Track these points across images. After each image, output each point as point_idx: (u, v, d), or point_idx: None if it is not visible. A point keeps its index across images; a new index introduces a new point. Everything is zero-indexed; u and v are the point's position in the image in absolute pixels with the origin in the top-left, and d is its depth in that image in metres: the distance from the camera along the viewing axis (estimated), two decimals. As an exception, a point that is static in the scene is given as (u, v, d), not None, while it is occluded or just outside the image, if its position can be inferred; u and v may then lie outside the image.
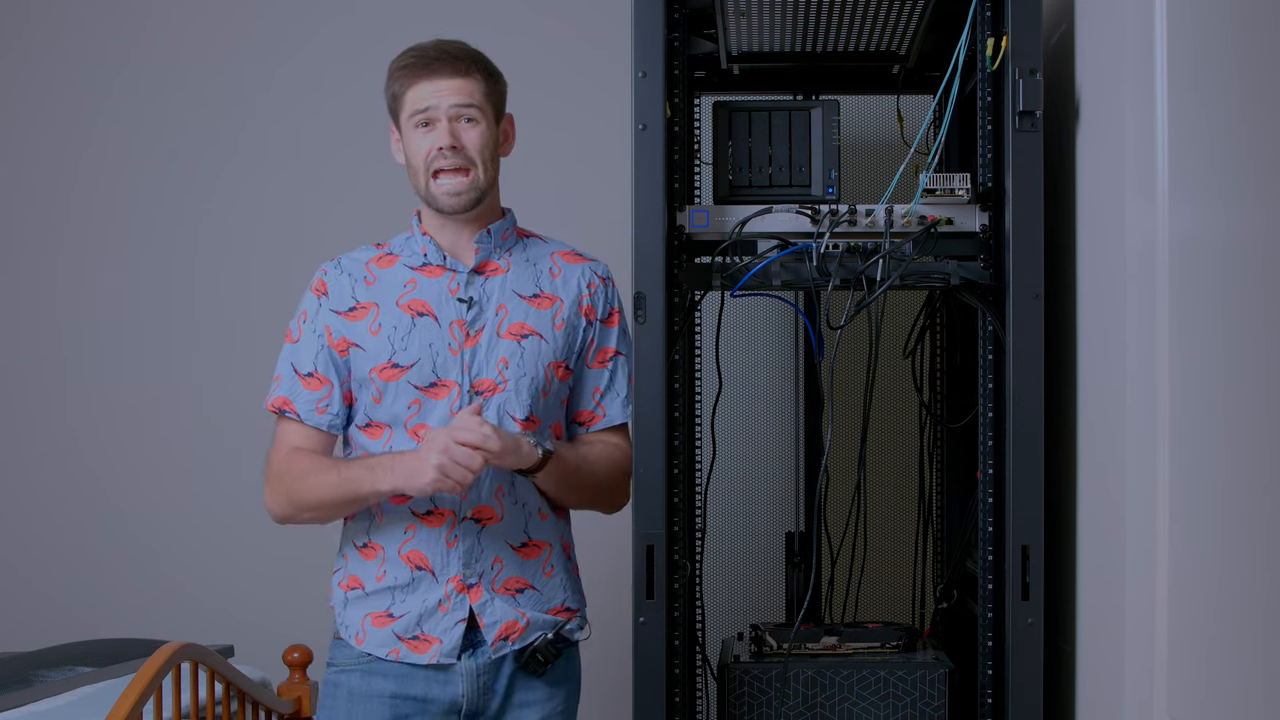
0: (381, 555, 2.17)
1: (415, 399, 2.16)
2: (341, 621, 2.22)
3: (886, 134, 2.81)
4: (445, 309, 2.19)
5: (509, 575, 2.19)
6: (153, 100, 3.73)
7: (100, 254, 3.75)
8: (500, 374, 2.19)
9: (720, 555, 2.97)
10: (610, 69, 3.24)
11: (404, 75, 2.19)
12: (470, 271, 2.20)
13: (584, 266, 2.30)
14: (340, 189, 3.65)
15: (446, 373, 2.17)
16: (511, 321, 2.20)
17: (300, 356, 2.23)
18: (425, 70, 2.17)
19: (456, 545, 2.15)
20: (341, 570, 2.24)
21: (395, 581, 2.17)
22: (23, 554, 3.75)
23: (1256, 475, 1.48)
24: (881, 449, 2.83)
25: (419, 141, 2.17)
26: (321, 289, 2.23)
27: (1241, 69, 1.56)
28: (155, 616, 3.63)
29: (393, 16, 3.63)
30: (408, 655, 2.16)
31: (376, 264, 2.23)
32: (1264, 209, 1.47)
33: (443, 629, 2.17)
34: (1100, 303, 2.06)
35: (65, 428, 3.76)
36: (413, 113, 2.17)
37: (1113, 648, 1.95)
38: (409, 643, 2.16)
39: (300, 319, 2.25)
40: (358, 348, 2.19)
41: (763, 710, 2.25)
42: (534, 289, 2.23)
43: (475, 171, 2.17)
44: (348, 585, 2.21)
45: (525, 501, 2.20)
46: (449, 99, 2.16)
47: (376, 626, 2.17)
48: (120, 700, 2.23)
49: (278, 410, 2.24)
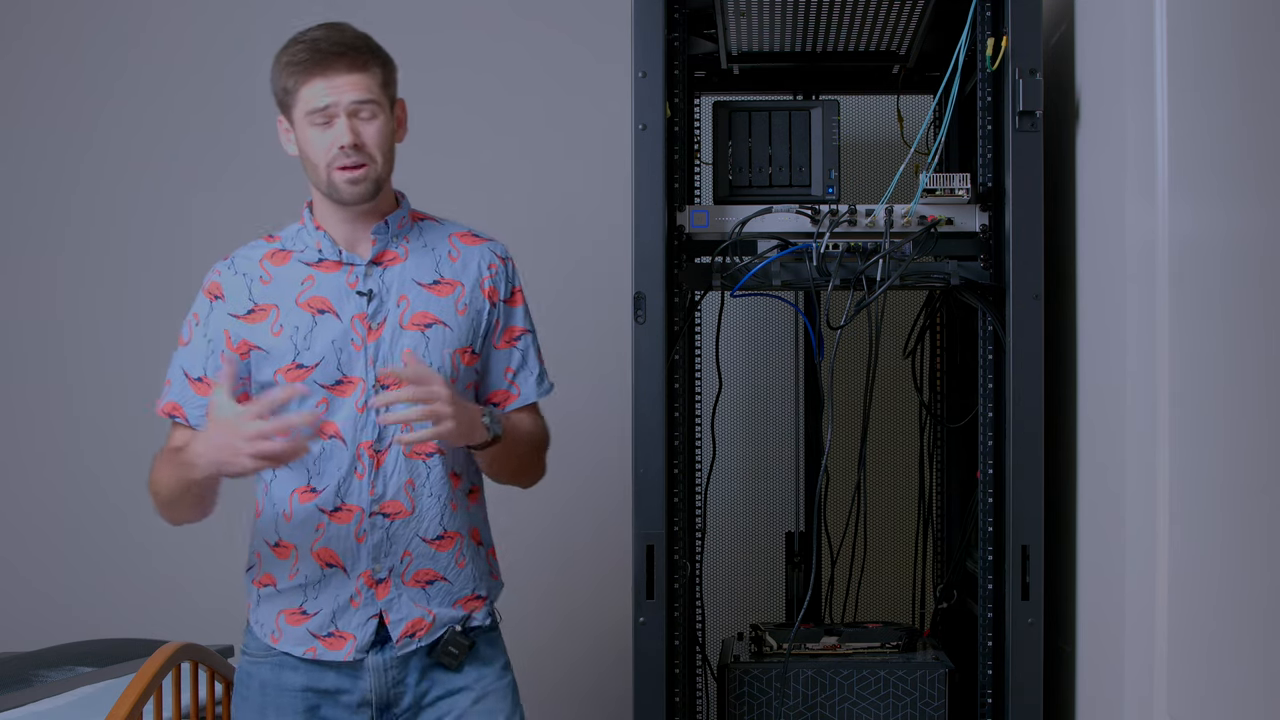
0: (294, 554, 2.16)
1: (322, 398, 2.12)
2: (256, 618, 2.21)
3: (886, 134, 2.81)
4: (345, 304, 2.15)
5: (419, 568, 2.16)
6: (153, 100, 3.73)
7: (100, 254, 3.75)
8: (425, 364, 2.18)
9: (720, 555, 2.97)
10: (610, 69, 3.24)
11: (297, 71, 2.10)
12: (368, 263, 2.17)
13: (483, 248, 2.24)
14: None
15: (351, 369, 2.13)
16: (414, 311, 2.17)
17: (190, 361, 2.20)
18: (320, 66, 2.09)
19: (365, 540, 2.14)
20: (255, 568, 2.23)
21: (307, 579, 2.15)
22: (23, 554, 3.75)
23: (1256, 475, 1.48)
24: (881, 449, 2.83)
25: (317, 138, 2.11)
26: (215, 291, 2.18)
27: (1241, 69, 1.56)
28: (155, 616, 3.63)
29: (393, 17, 3.63)
30: (324, 653, 2.15)
31: (270, 261, 2.18)
32: (1264, 209, 1.47)
33: (355, 624, 2.15)
34: (1100, 303, 2.06)
35: (65, 427, 3.76)
36: (309, 111, 2.10)
37: (1113, 648, 1.95)
38: (324, 640, 2.15)
39: (191, 321, 2.20)
40: (259, 350, 2.15)
41: (763, 710, 2.25)
42: (434, 276, 2.20)
43: (374, 166, 2.13)
44: (261, 582, 2.20)
45: (439, 494, 2.17)
46: (347, 95, 2.09)
47: (291, 624, 2.16)
48: (120, 700, 2.23)
49: (168, 415, 2.24)
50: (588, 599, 2.62)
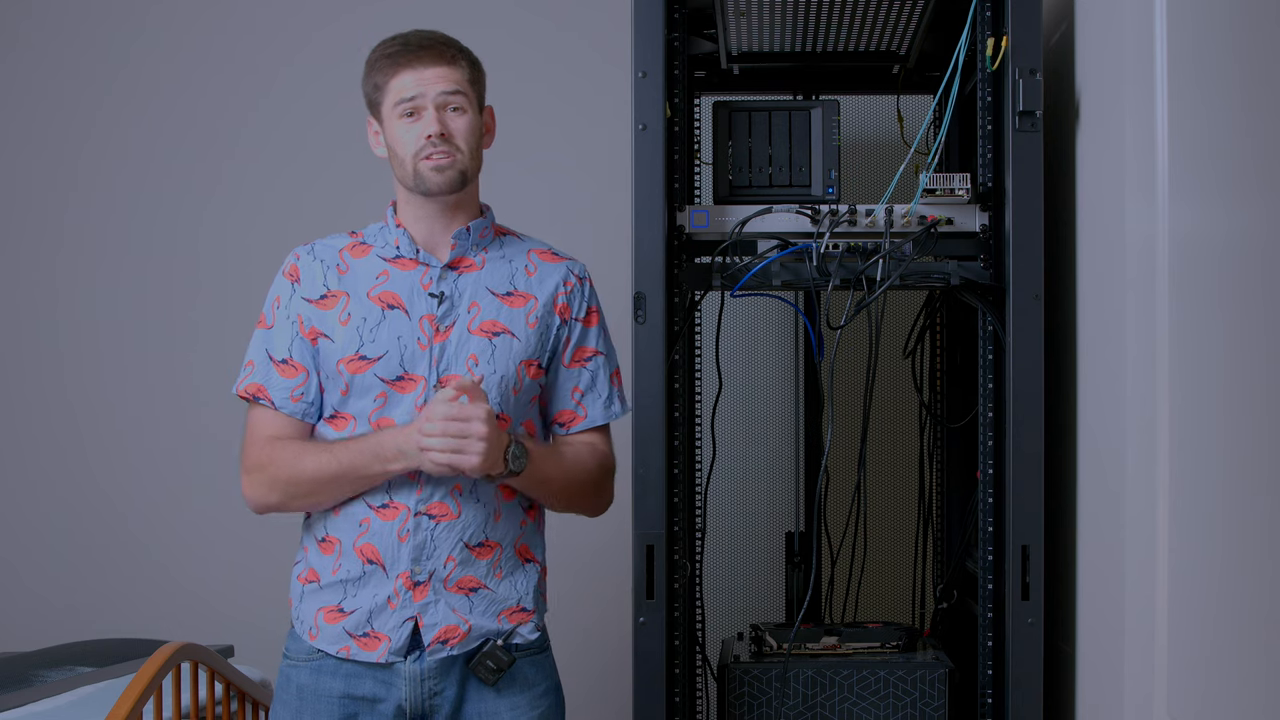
0: (338, 549, 2.15)
1: (381, 392, 2.12)
2: (297, 615, 2.19)
3: (886, 134, 2.81)
4: (416, 302, 2.15)
5: (463, 574, 2.16)
6: (152, 100, 3.73)
7: (100, 253, 3.75)
8: (470, 370, 2.16)
9: (720, 555, 2.97)
10: (610, 69, 3.24)
11: (387, 64, 2.13)
12: (444, 266, 2.18)
13: (561, 265, 2.24)
14: (341, 188, 3.65)
15: (414, 366, 2.13)
16: (483, 319, 2.18)
17: (274, 342, 2.17)
18: (410, 58, 2.12)
19: (408, 540, 2.13)
20: (302, 563, 2.21)
21: (348, 575, 2.14)
22: (23, 554, 3.75)
23: (1256, 475, 1.48)
24: (881, 449, 2.83)
25: (404, 132, 2.12)
26: (294, 274, 2.18)
27: (1241, 69, 1.56)
28: (155, 616, 3.63)
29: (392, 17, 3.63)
30: (358, 653, 2.14)
31: (350, 252, 2.19)
32: (1264, 208, 1.47)
33: (390, 626, 2.13)
34: (1100, 303, 2.06)
35: (65, 428, 3.76)
36: (398, 102, 2.11)
37: (1113, 648, 1.95)
38: (359, 640, 2.14)
39: (274, 304, 2.19)
40: (326, 338, 2.14)
41: (763, 710, 2.25)
42: (508, 287, 2.20)
43: (461, 156, 2.14)
44: (306, 578, 2.18)
45: (485, 501, 2.17)
46: (436, 86, 2.11)
47: (329, 622, 2.15)
48: (120, 700, 2.23)
49: (250, 397, 2.18)
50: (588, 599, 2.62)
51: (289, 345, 2.16)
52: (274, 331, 2.18)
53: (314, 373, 2.16)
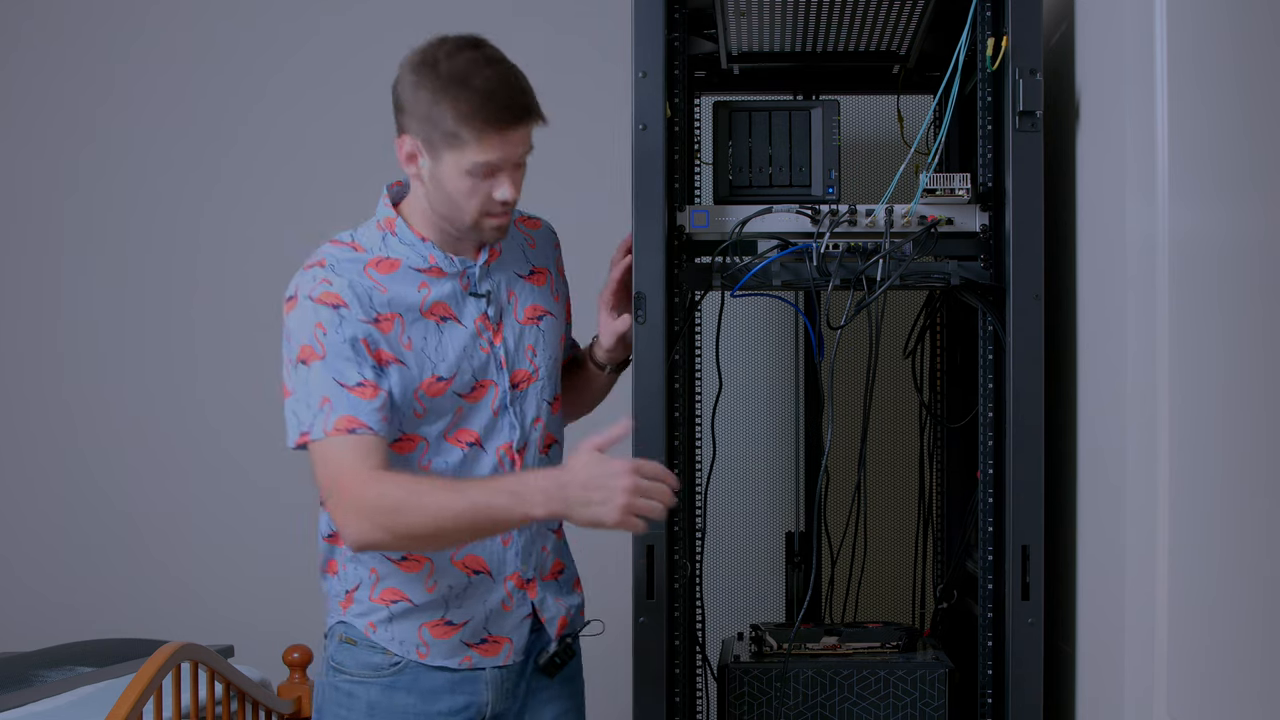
0: (429, 566, 2.07)
1: (459, 407, 2.08)
2: (390, 636, 2.09)
3: (886, 134, 2.81)
4: (464, 308, 2.10)
5: (553, 559, 2.20)
6: (151, 99, 3.73)
7: (100, 254, 3.75)
8: (531, 362, 2.14)
9: (720, 555, 2.97)
10: (610, 69, 3.24)
11: (476, 125, 1.98)
12: (482, 265, 2.14)
13: (544, 229, 2.28)
14: (340, 190, 3.65)
15: (484, 373, 2.10)
16: (524, 305, 2.15)
17: (340, 369, 1.99)
18: (501, 125, 1.99)
19: (511, 543, 2.11)
20: (367, 583, 2.09)
21: (450, 590, 2.08)
22: (23, 554, 3.75)
23: (1256, 475, 1.48)
24: (881, 449, 2.83)
25: (474, 187, 2.01)
26: (335, 300, 2.00)
27: (1241, 69, 1.56)
28: (155, 616, 3.63)
29: (393, 17, 3.63)
30: (480, 660, 2.10)
31: (376, 269, 2.06)
32: (1264, 209, 1.47)
33: (509, 628, 2.12)
34: (1100, 303, 2.06)
35: (65, 428, 3.76)
36: (478, 164, 1.99)
37: (1113, 648, 1.95)
38: (479, 647, 2.10)
39: (317, 333, 1.99)
40: (398, 363, 2.02)
41: (763, 710, 2.25)
42: (526, 266, 2.19)
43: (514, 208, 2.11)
44: (387, 599, 2.08)
45: None
46: (518, 149, 2.02)
47: (440, 637, 2.09)
48: (120, 700, 2.23)
49: (348, 430, 1.96)
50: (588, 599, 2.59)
51: (358, 368, 2.00)
52: (333, 359, 1.99)
53: (388, 391, 2.02)
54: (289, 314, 2.03)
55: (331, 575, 2.15)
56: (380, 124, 2.28)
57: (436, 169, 2.03)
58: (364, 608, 2.11)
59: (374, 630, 2.10)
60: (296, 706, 2.91)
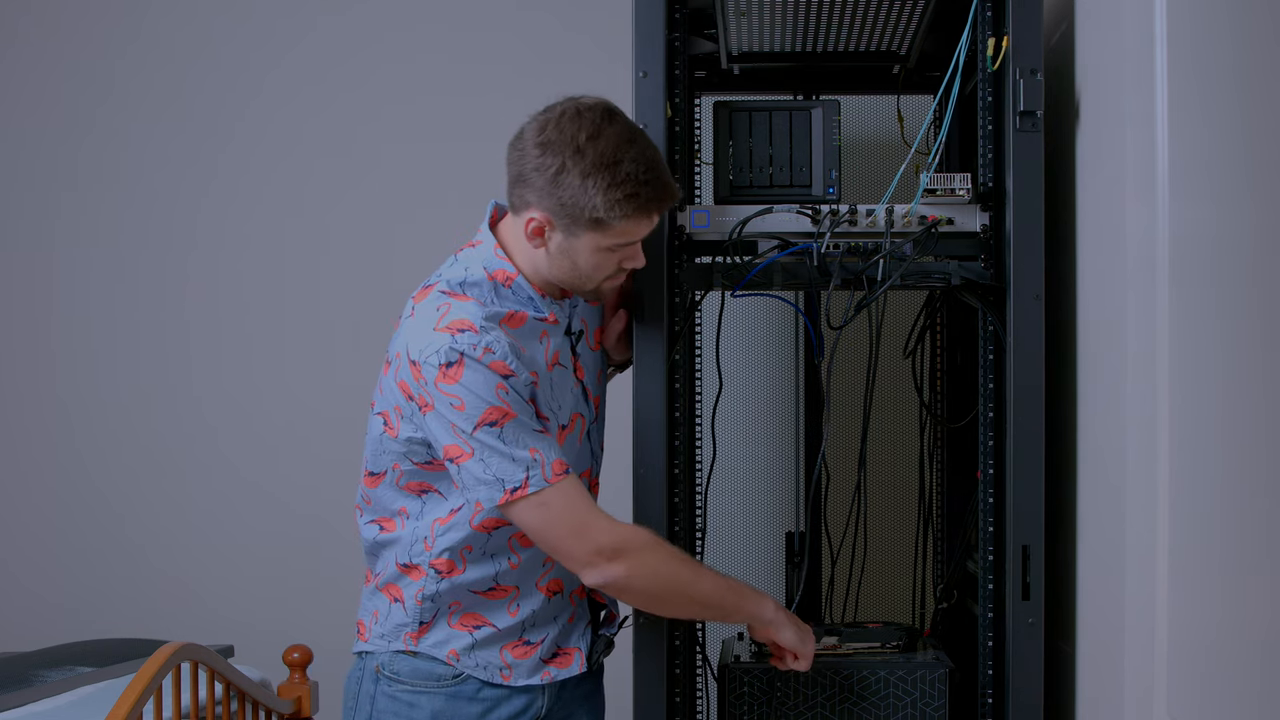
0: (515, 594, 2.13)
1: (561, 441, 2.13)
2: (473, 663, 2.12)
3: (887, 134, 2.81)
4: (565, 349, 2.14)
5: None
6: (147, 97, 3.73)
7: (95, 254, 3.74)
8: (600, 385, 2.24)
9: (720, 555, 2.97)
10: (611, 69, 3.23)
11: (636, 209, 1.99)
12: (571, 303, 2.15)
13: None
14: (337, 190, 3.65)
15: (576, 407, 2.16)
16: (592, 330, 2.21)
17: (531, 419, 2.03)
18: (653, 210, 2.03)
19: None
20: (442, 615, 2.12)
21: (533, 613, 2.13)
22: (23, 554, 3.75)
23: (1256, 475, 1.48)
24: (881, 449, 2.83)
25: (607, 260, 2.04)
26: (504, 370, 1.99)
27: (1241, 69, 1.56)
28: (155, 616, 3.63)
29: (392, 17, 3.63)
30: (558, 674, 2.16)
31: (510, 325, 2.06)
32: (1263, 209, 1.47)
33: (576, 638, 2.18)
34: (1100, 302, 2.07)
35: (64, 428, 3.76)
36: (622, 243, 2.03)
37: (1113, 648, 1.95)
38: (553, 661, 2.16)
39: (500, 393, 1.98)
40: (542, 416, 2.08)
41: (763, 710, 2.25)
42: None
43: None
44: (469, 626, 2.12)
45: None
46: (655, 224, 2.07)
47: (520, 658, 2.14)
48: (120, 700, 2.23)
49: (564, 472, 2.01)
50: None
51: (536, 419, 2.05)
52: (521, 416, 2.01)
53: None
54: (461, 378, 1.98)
55: (392, 603, 2.15)
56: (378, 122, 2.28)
57: (570, 243, 2.03)
58: (444, 634, 2.12)
59: (456, 659, 2.12)
60: (296, 706, 2.91)
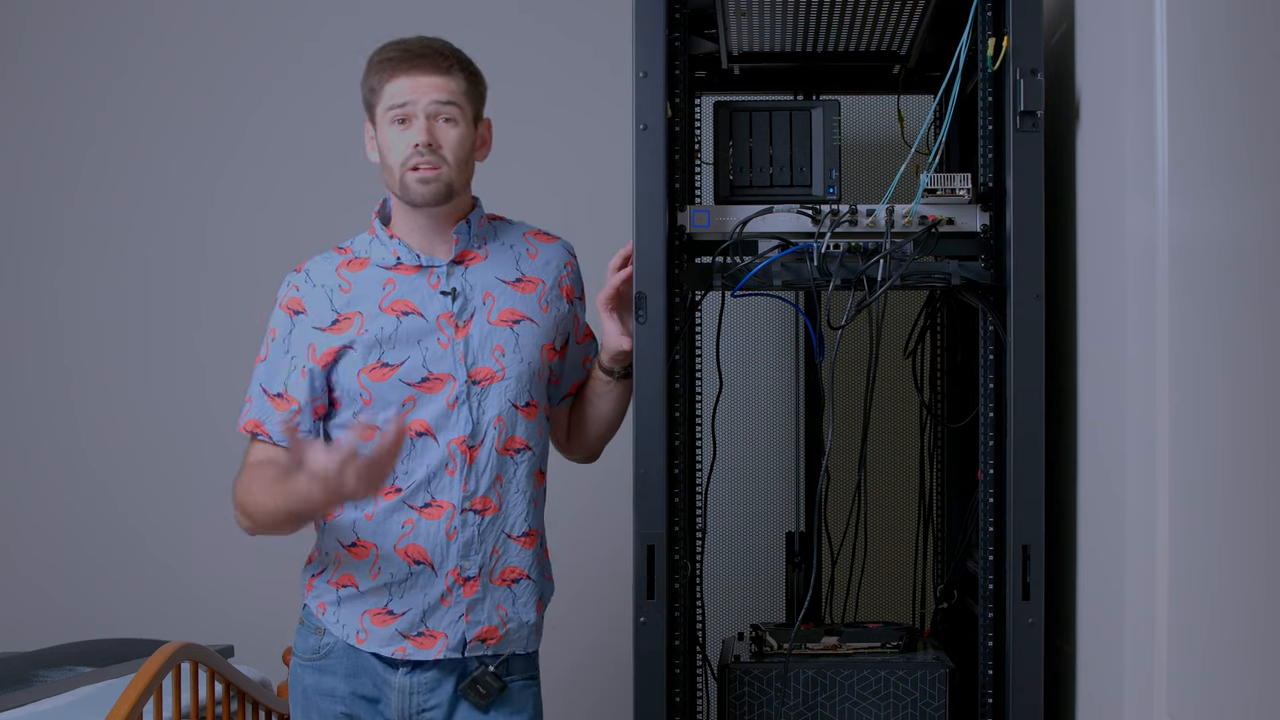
0: (374, 553, 2.16)
1: (409, 395, 2.15)
2: (336, 619, 2.20)
3: (887, 134, 2.81)
4: (429, 304, 2.17)
5: (506, 564, 2.19)
6: (153, 101, 3.74)
7: (102, 255, 3.75)
8: (498, 362, 2.20)
9: (720, 555, 2.97)
10: (611, 69, 3.24)
11: (384, 68, 2.15)
12: (450, 263, 2.19)
13: (558, 245, 2.33)
14: (340, 191, 3.65)
15: (439, 365, 2.16)
16: (501, 308, 2.21)
17: (269, 376, 2.20)
18: (407, 65, 2.13)
19: (456, 537, 2.15)
20: (327, 570, 2.21)
21: (391, 578, 2.16)
22: (23, 554, 3.75)
23: (1256, 475, 1.48)
24: (881, 449, 2.83)
25: (395, 138, 2.13)
26: (295, 306, 2.18)
27: (1241, 69, 1.56)
28: (155, 616, 3.63)
29: (391, 17, 3.63)
30: (414, 652, 2.16)
31: (347, 269, 2.19)
32: (1263, 209, 1.47)
33: (447, 623, 2.16)
34: (1100, 302, 2.07)
35: (66, 428, 3.76)
36: (390, 107, 2.13)
37: (1113, 648, 1.95)
38: (414, 640, 2.16)
39: (269, 338, 2.20)
40: (349, 349, 2.16)
41: (763, 710, 2.25)
42: (515, 273, 2.23)
43: (447, 169, 2.14)
44: (339, 584, 2.19)
45: (524, 491, 2.20)
46: (428, 95, 2.13)
47: (378, 625, 2.17)
48: (120, 700, 2.23)
49: (250, 432, 2.20)
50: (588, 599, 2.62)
51: (284, 378, 2.18)
52: (269, 364, 2.20)
53: (306, 404, 2.17)
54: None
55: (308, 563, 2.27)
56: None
57: (379, 138, 2.17)
58: (319, 590, 2.22)
59: (324, 611, 2.20)
60: (296, 706, 2.91)
